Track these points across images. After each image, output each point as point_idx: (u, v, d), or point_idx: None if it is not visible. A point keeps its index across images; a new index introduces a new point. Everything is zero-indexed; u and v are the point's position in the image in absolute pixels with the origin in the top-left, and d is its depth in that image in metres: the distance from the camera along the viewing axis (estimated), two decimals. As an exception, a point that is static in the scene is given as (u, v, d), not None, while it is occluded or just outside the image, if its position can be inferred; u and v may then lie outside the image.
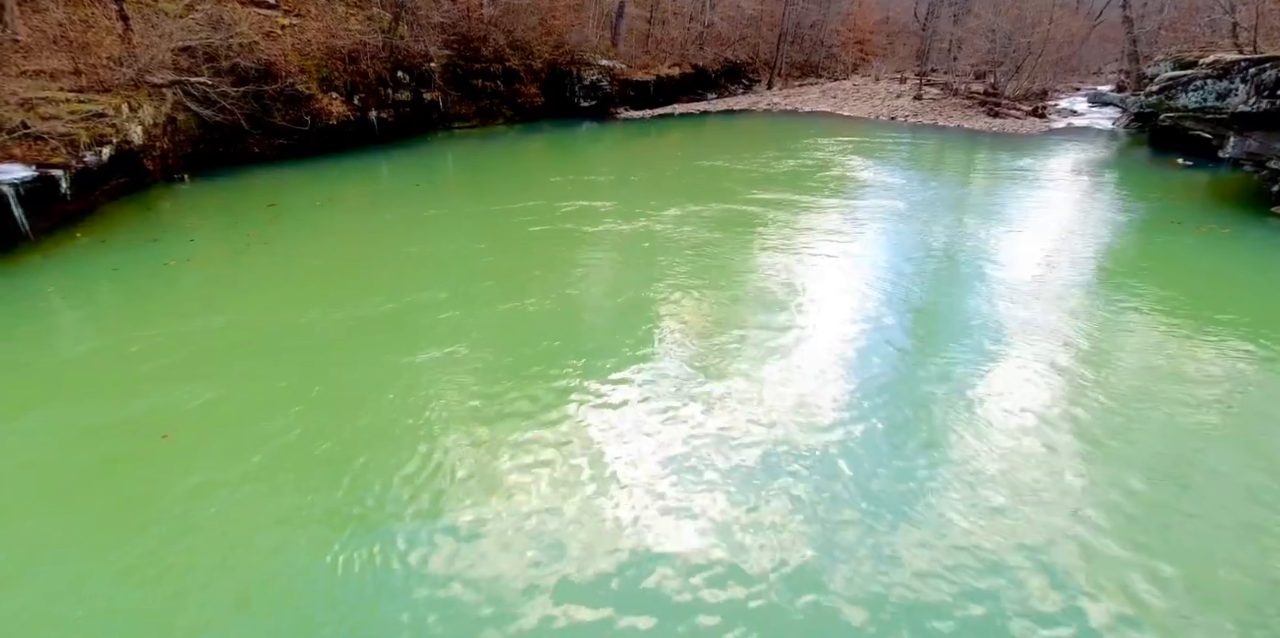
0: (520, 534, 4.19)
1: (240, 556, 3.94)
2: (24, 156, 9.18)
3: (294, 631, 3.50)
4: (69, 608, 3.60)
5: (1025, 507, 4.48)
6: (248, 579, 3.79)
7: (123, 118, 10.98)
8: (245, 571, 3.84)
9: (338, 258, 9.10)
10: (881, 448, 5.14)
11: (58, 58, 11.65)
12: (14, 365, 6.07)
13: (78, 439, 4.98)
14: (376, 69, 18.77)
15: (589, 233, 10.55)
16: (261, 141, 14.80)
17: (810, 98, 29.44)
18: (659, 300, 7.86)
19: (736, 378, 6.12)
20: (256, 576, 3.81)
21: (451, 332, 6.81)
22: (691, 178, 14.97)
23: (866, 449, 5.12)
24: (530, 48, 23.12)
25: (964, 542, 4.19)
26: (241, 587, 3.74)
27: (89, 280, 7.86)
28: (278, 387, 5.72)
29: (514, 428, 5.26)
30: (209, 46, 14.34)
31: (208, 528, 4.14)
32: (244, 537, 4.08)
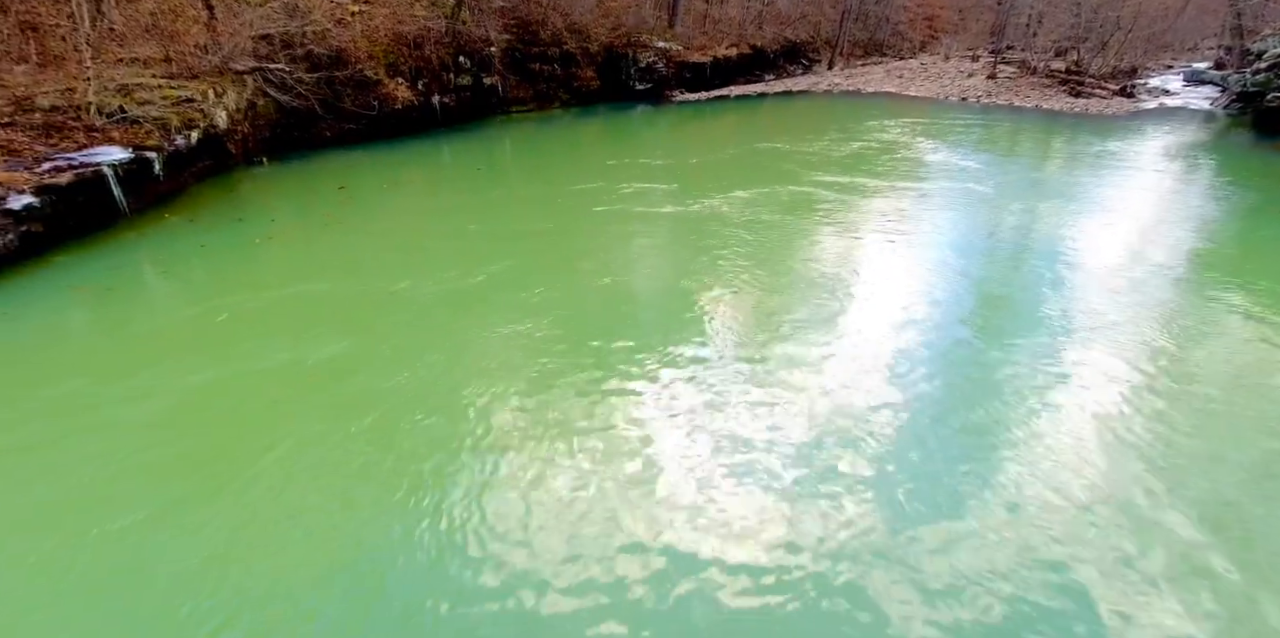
0: (559, 505, 4.29)
1: (310, 504, 4.17)
2: (122, 139, 9.77)
3: (363, 563, 3.69)
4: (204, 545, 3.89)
5: (1091, 530, 4.17)
6: (318, 525, 4.00)
7: (209, 103, 11.55)
8: (315, 518, 4.06)
9: (409, 236, 9.42)
10: (934, 448, 4.92)
11: (150, 46, 12.31)
12: (119, 330, 6.57)
13: (184, 396, 5.35)
14: (439, 54, 19.06)
15: (646, 214, 10.50)
16: (332, 126, 15.32)
17: (874, 78, 28.20)
18: (714, 283, 7.76)
19: (788, 364, 5.98)
20: (328, 521, 4.03)
21: (515, 306, 6.96)
22: (749, 160, 14.64)
23: (919, 448, 4.91)
24: (587, 31, 22.97)
25: (1020, 558, 3.99)
26: (311, 530, 3.96)
27: (181, 256, 8.36)
28: (372, 350, 6.02)
29: (566, 402, 5.36)
30: (285, 34, 14.87)
31: (295, 480, 4.39)
32: (319, 487, 4.31)
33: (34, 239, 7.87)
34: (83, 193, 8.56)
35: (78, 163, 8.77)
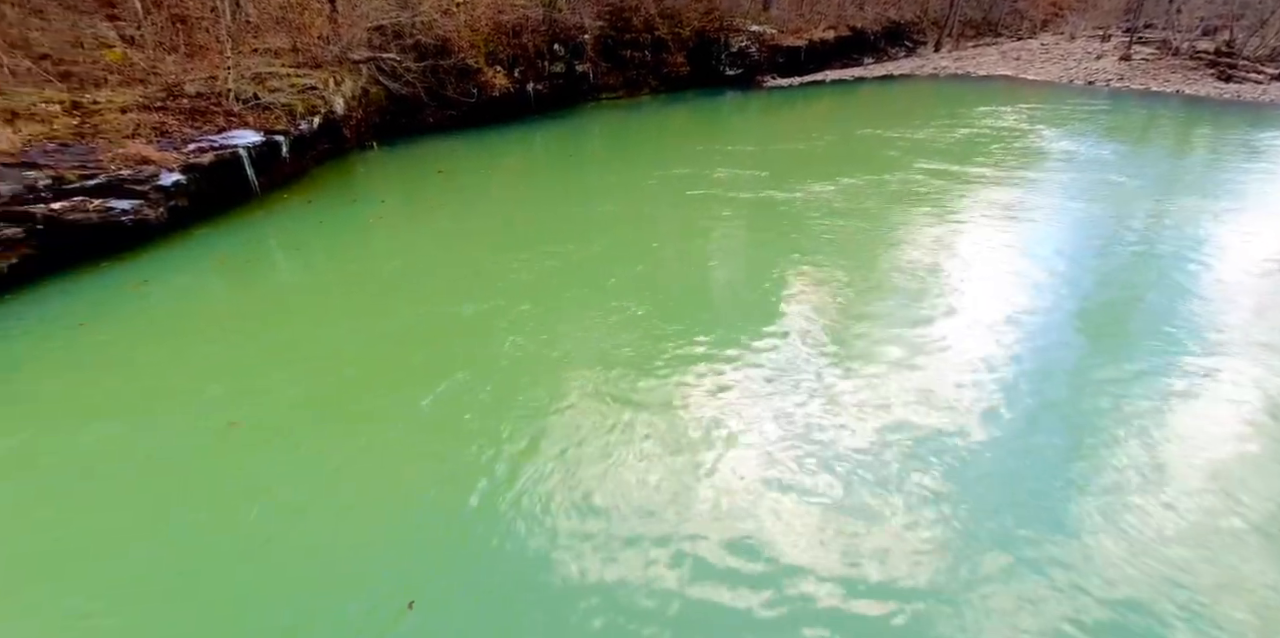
0: (624, 476, 4.33)
1: (410, 474, 4.41)
2: (255, 123, 10.63)
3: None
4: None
5: (1205, 578, 3.67)
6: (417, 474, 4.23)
7: (329, 91, 12.35)
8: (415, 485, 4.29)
9: (505, 218, 9.75)
10: (1033, 464, 4.51)
11: (280, 37, 13.30)
12: (255, 295, 7.24)
13: (318, 348, 5.84)
14: (536, 42, 19.42)
15: (735, 200, 10.28)
16: (435, 112, 16.02)
17: (987, 60, 26.11)
18: (802, 272, 7.51)
19: (871, 365, 5.68)
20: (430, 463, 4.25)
21: (601, 286, 7.08)
22: (846, 147, 13.99)
23: (1016, 461, 4.52)
24: (680, 16, 22.64)
25: (1142, 597, 3.58)
26: (404, 476, 4.19)
27: (303, 233, 9.06)
28: (465, 318, 6.34)
29: (644, 381, 5.39)
30: (397, 25, 15.63)
31: (383, 448, 4.67)
32: (419, 449, 4.55)
33: (180, 213, 8.74)
34: (221, 172, 9.41)
35: (218, 144, 9.63)
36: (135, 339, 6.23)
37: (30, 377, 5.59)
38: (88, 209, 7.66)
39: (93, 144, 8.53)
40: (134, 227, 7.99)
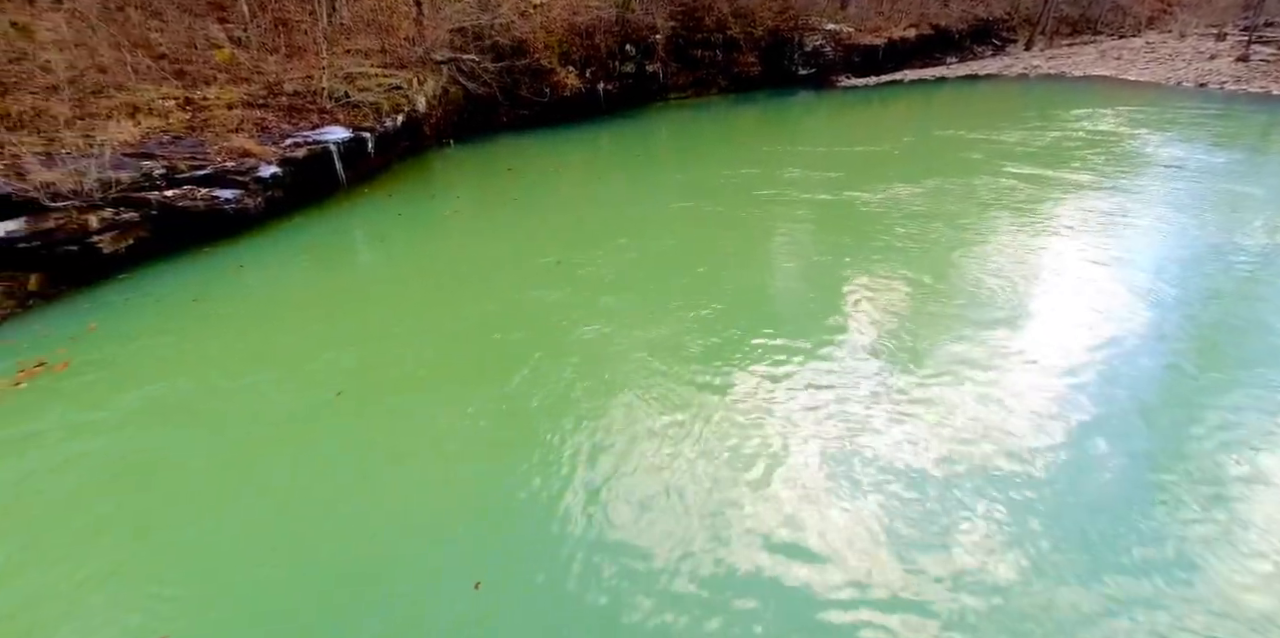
0: (670, 479, 4.19)
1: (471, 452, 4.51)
2: (345, 120, 11.21)
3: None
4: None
5: None
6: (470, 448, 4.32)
7: (412, 90, 12.89)
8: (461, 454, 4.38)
9: (574, 215, 9.89)
10: (1110, 505, 4.11)
11: (369, 39, 13.98)
12: (340, 280, 7.63)
13: (404, 333, 6.09)
14: (608, 43, 19.63)
15: (803, 201, 10.04)
16: (509, 111, 16.46)
17: (1084, 60, 24.49)
18: (869, 278, 7.22)
19: (943, 379, 5.36)
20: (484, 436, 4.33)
21: (664, 285, 7.00)
22: (925, 149, 13.42)
23: (1093, 502, 4.13)
24: (753, 14, 22.38)
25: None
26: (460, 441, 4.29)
27: (385, 224, 9.49)
28: (527, 309, 6.43)
29: (702, 382, 5.28)
30: (477, 27, 16.16)
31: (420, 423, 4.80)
32: (484, 434, 4.66)
33: (275, 203, 9.31)
34: (313, 166, 9.97)
35: (311, 140, 10.21)
36: (241, 315, 6.70)
37: (159, 341, 6.13)
38: (196, 197, 8.27)
39: (202, 137, 9.22)
40: (235, 215, 8.57)
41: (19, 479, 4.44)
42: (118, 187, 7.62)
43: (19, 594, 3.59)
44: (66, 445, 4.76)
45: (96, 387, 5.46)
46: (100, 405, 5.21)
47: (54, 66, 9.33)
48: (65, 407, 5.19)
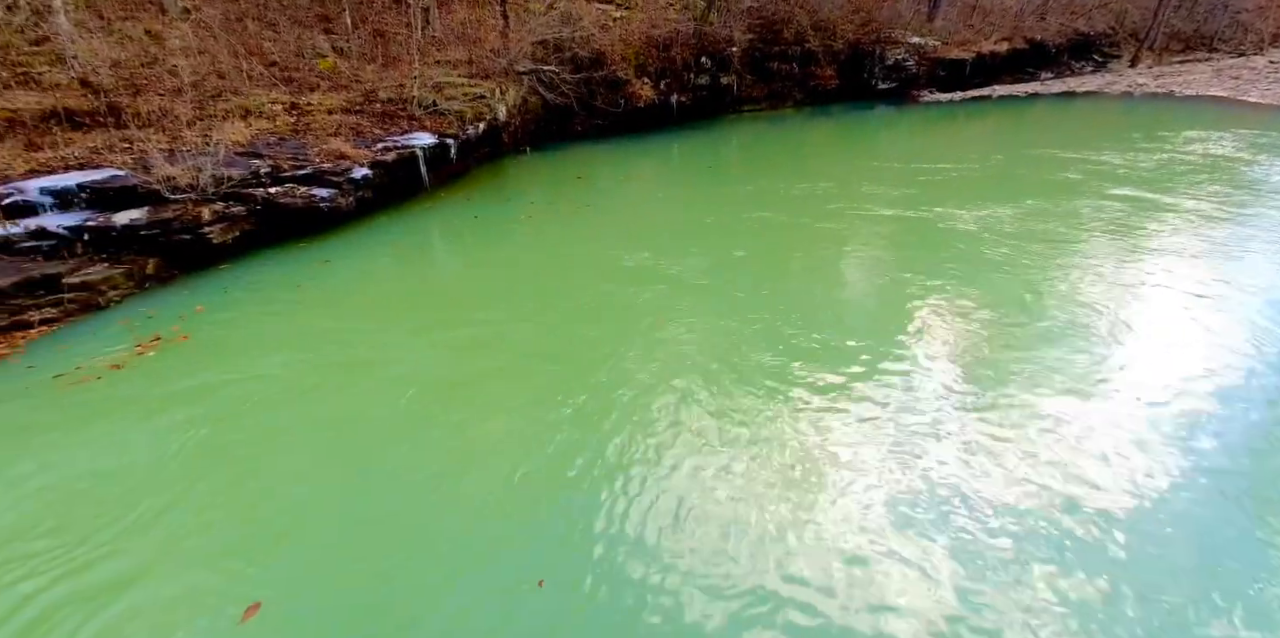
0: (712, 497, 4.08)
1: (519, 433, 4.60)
2: (431, 127, 11.83)
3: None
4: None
5: None
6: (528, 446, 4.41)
7: (495, 100, 13.48)
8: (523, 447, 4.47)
9: (641, 223, 10.00)
10: (1205, 571, 3.72)
11: (458, 50, 14.74)
12: (424, 275, 8.02)
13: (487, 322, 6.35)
14: (684, 55, 19.92)
15: (877, 219, 9.78)
16: (583, 121, 16.92)
17: (1196, 79, 22.86)
18: (947, 302, 6.89)
19: (1021, 415, 5.00)
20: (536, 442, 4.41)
21: (725, 297, 6.96)
22: (1015, 169, 12.84)
23: (1182, 566, 3.74)
24: (834, 27, 22.18)
25: None
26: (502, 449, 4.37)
27: (461, 225, 9.91)
28: (591, 313, 6.56)
29: (763, 398, 5.14)
30: (558, 39, 16.76)
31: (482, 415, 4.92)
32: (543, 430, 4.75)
33: (365, 203, 9.91)
34: (401, 169, 10.57)
35: (400, 145, 10.82)
36: (329, 304, 7.17)
37: (257, 325, 6.66)
38: (295, 195, 8.91)
39: (304, 140, 9.95)
40: (328, 212, 9.18)
41: (129, 443, 4.89)
42: (228, 183, 8.33)
43: (118, 556, 3.92)
44: (173, 413, 5.20)
45: (201, 361, 5.95)
46: (202, 379, 5.67)
47: (180, 71, 10.33)
48: (175, 377, 5.69)
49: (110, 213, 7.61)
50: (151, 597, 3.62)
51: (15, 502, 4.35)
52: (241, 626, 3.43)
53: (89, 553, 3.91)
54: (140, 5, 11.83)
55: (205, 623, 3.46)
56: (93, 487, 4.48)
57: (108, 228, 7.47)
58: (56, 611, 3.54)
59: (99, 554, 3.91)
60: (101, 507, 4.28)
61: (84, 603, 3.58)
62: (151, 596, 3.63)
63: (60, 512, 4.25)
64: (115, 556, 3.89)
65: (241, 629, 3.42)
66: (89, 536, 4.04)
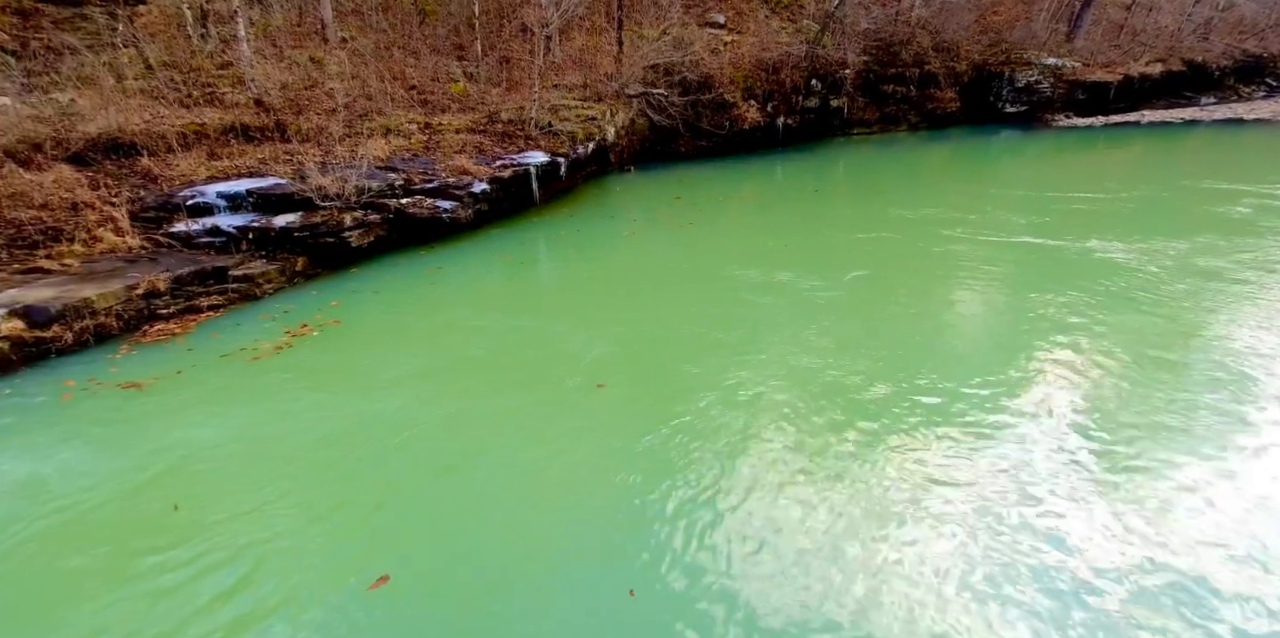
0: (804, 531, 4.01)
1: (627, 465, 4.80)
2: (544, 146, 12.72)
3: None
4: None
5: None
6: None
7: (604, 121, 14.28)
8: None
9: (740, 245, 10.18)
10: None
11: (574, 74, 15.78)
12: (528, 282, 8.64)
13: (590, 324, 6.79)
14: (794, 78, 20.11)
15: (998, 246, 9.35)
16: (688, 142, 17.46)
17: (1403, 101, 20.03)
18: (1072, 344, 6.44)
19: (1149, 481, 4.56)
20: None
21: (824, 327, 6.92)
22: (1163, 200, 11.84)
23: None
24: (958, 49, 21.56)
25: None
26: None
27: (566, 239, 10.54)
28: (708, 315, 6.77)
29: (861, 434, 5.04)
30: (669, 63, 17.52)
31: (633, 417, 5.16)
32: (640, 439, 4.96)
33: (481, 215, 10.80)
34: (515, 185, 11.43)
35: (516, 162, 11.73)
36: (444, 306, 7.90)
37: (384, 318, 7.50)
38: (423, 206, 9.90)
39: (433, 156, 11.04)
40: (449, 223, 10.10)
41: (276, 417, 5.63)
42: (368, 193, 9.42)
43: (262, 520, 4.53)
44: (312, 395, 5.95)
45: (345, 347, 6.79)
46: (348, 362, 6.46)
47: (335, 93, 11.84)
48: (328, 358, 6.53)
49: (271, 216, 8.84)
50: (291, 559, 4.16)
51: (211, 457, 5.14)
52: (370, 592, 3.86)
53: (233, 520, 4.55)
54: (307, 35, 13.71)
55: (337, 587, 3.92)
56: (265, 448, 5.19)
57: (268, 229, 8.67)
58: (206, 562, 4.16)
59: (244, 520, 4.54)
60: (260, 470, 4.97)
61: (227, 563, 4.16)
62: (291, 558, 4.17)
63: (235, 472, 4.97)
64: (259, 519, 4.51)
65: (369, 595, 3.85)
66: (240, 500, 4.70)
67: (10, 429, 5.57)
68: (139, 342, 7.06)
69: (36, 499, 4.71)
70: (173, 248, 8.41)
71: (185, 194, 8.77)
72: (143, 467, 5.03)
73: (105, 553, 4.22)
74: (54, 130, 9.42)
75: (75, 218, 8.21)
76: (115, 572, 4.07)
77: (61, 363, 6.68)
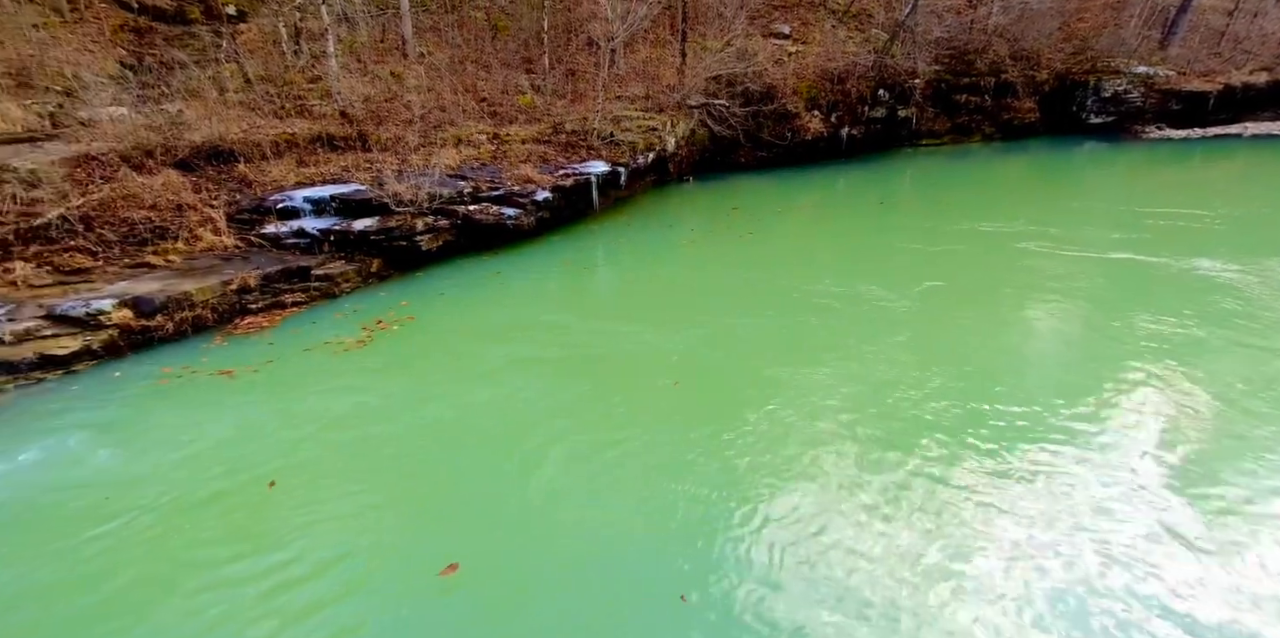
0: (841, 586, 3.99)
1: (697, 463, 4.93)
2: (606, 156, 13.13)
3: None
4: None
5: None
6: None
7: (665, 131, 14.60)
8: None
9: (809, 254, 10.27)
10: None
11: (637, 86, 16.21)
12: (585, 287, 8.97)
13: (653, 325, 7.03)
14: (860, 88, 19.93)
15: (1079, 261, 9.03)
16: (748, 152, 17.58)
17: None
18: (1162, 370, 6.16)
19: (1244, 526, 4.33)
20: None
21: (888, 343, 6.88)
22: (1272, 219, 11.12)
23: None
24: (1038, 57, 20.86)
25: None
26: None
27: (623, 247, 10.86)
28: (769, 326, 6.89)
29: (929, 459, 4.99)
30: (731, 74, 17.74)
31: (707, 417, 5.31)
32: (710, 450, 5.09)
33: (543, 223, 11.25)
34: (576, 193, 11.86)
35: (578, 172, 12.16)
36: (506, 306, 8.34)
37: (450, 316, 8.01)
38: (489, 213, 10.42)
39: (499, 165, 11.60)
40: (512, 229, 10.58)
41: (358, 407, 6.09)
42: (439, 199, 10.00)
43: (338, 509, 4.92)
44: (392, 386, 6.40)
45: (417, 344, 7.30)
46: (418, 357, 6.94)
47: (412, 106, 12.62)
48: (398, 355, 7.03)
49: (351, 220, 9.53)
50: (369, 539, 4.51)
51: (299, 441, 5.62)
52: (440, 578, 4.14)
53: (319, 502, 4.96)
54: (389, 51, 14.67)
55: (409, 572, 4.22)
56: (349, 435, 5.64)
57: (348, 232, 9.35)
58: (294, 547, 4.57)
59: (329, 504, 4.95)
60: (346, 456, 5.40)
61: (309, 540, 4.56)
62: (369, 538, 4.52)
63: (323, 456, 5.42)
64: (344, 504, 4.91)
65: (440, 581, 4.13)
66: (328, 484, 5.12)
67: (120, 403, 6.24)
68: (230, 333, 7.76)
69: (146, 484, 5.27)
70: (263, 248, 9.18)
71: (275, 198, 9.57)
72: (237, 448, 5.55)
73: (194, 525, 4.70)
74: (164, 138, 10.47)
75: (179, 218, 9.10)
76: (208, 545, 4.53)
77: (162, 350, 7.41)
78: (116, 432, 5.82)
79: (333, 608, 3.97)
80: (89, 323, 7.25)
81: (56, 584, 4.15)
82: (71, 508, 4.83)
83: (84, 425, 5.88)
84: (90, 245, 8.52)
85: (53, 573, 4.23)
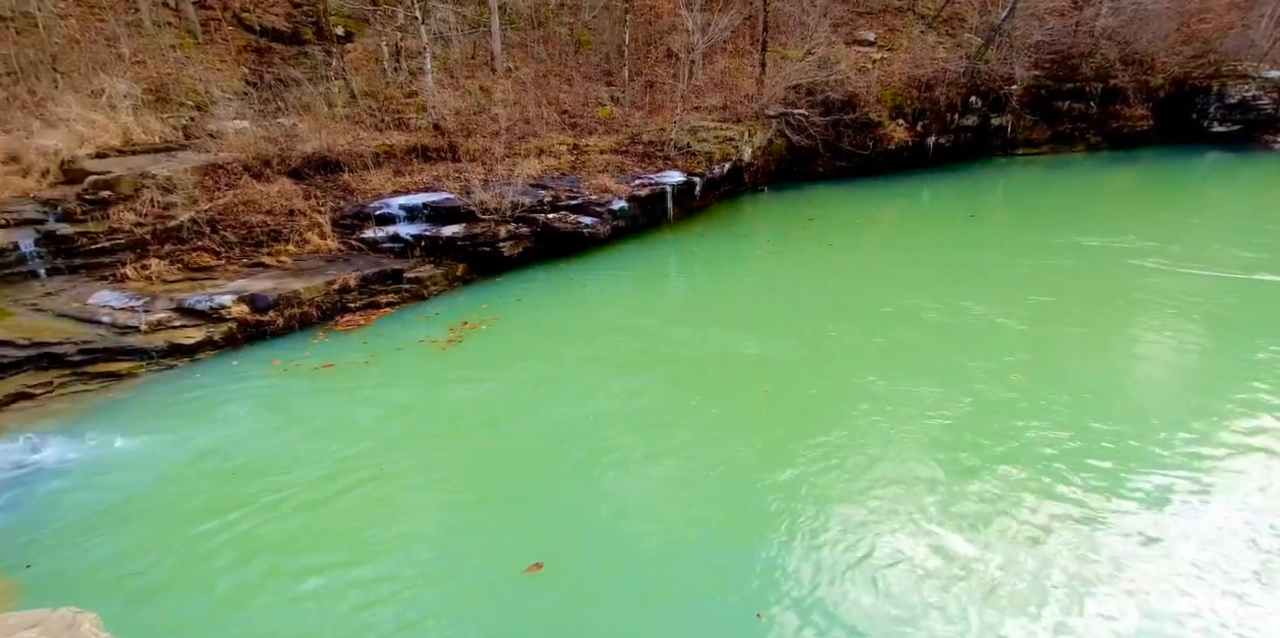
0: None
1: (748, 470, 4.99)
2: (682, 166, 13.39)
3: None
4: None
5: None
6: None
7: (742, 141, 14.72)
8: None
9: (892, 267, 10.11)
10: None
11: (715, 97, 16.42)
12: (652, 295, 9.23)
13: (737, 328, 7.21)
14: (949, 95, 19.31)
15: (1211, 283, 8.40)
16: (826, 162, 17.40)
17: None
18: (1253, 409, 5.67)
19: None
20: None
21: (981, 367, 6.67)
22: None
23: None
24: (1152, 61, 19.54)
25: None
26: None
27: (696, 255, 11.09)
28: (856, 344, 6.90)
29: (1016, 495, 4.83)
30: (812, 83, 17.64)
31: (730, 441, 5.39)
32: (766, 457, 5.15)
33: (617, 231, 11.62)
34: (651, 202, 12.17)
35: (654, 182, 12.48)
36: (579, 311, 8.73)
37: (527, 320, 8.53)
38: (567, 221, 10.89)
39: (578, 175, 12.08)
40: (588, 237, 11.00)
41: (450, 403, 6.56)
42: (521, 208, 10.55)
43: (430, 504, 5.32)
44: (484, 383, 6.85)
45: (504, 343, 7.81)
46: (506, 356, 7.44)
47: (499, 118, 13.36)
48: (488, 353, 7.51)
49: (440, 226, 10.21)
50: (457, 537, 4.84)
51: (395, 433, 6.11)
52: (525, 576, 4.41)
53: (409, 490, 5.39)
54: (479, 66, 15.60)
55: (496, 566, 4.52)
56: (442, 429, 6.09)
57: (437, 237, 10.02)
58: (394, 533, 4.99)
59: (421, 494, 5.36)
60: (443, 450, 5.82)
61: (402, 529, 4.94)
62: (457, 535, 4.85)
63: (419, 448, 5.87)
64: (436, 498, 5.31)
65: (524, 578, 4.40)
66: (422, 476, 5.55)
67: (239, 391, 6.99)
68: (332, 329, 8.50)
69: (265, 470, 5.88)
70: (361, 251, 9.99)
71: (374, 205, 10.40)
72: (339, 440, 6.11)
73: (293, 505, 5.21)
74: (279, 149, 11.58)
75: (291, 222, 10.04)
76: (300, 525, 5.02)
77: (273, 343, 8.21)
78: (240, 421, 6.53)
79: (423, 597, 4.30)
80: (211, 316, 8.15)
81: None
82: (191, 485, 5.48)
83: (208, 410, 6.64)
84: (214, 246, 9.56)
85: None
